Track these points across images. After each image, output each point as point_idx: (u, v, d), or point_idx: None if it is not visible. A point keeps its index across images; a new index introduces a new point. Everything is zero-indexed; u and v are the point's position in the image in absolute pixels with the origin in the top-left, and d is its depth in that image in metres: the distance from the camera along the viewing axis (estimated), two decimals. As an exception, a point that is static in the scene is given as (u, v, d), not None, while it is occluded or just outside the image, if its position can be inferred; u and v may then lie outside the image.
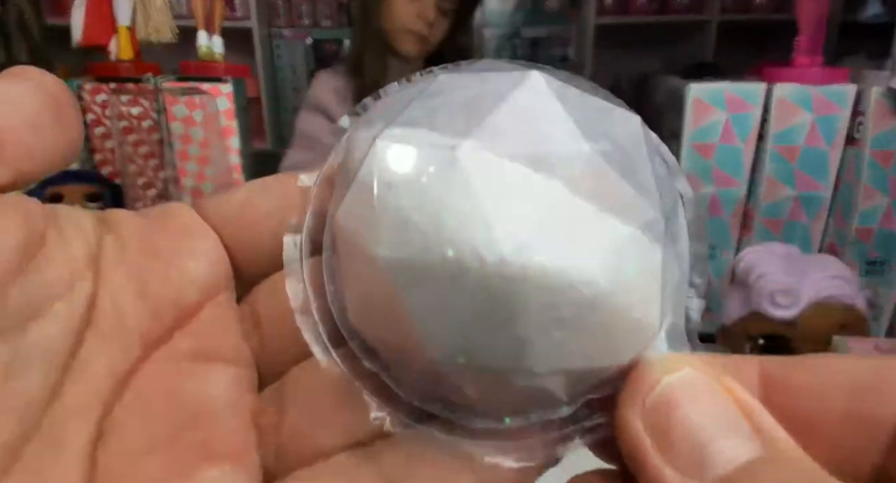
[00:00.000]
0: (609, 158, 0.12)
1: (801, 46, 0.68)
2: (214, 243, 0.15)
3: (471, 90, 0.13)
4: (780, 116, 0.67)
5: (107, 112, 0.75)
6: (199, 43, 0.79)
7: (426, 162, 0.12)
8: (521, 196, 0.11)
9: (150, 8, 0.74)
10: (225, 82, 0.76)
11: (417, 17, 0.97)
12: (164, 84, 0.74)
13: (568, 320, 0.11)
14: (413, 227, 0.11)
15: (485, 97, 0.13)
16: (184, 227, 0.15)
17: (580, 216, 0.11)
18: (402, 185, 0.12)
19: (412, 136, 0.12)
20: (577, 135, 0.12)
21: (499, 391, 0.12)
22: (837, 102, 0.67)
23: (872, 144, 0.66)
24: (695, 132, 0.69)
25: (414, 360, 0.13)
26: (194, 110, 0.73)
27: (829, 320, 0.59)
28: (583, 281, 0.11)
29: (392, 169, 0.12)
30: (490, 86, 0.13)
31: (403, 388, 0.13)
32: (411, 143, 0.12)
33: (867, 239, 0.69)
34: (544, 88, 0.13)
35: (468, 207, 0.11)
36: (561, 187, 0.11)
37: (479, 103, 0.12)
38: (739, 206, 0.72)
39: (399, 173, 0.12)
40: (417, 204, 0.11)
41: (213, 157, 0.75)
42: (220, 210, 0.16)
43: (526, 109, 0.12)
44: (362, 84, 1.01)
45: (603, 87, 0.14)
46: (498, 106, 0.12)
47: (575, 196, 0.11)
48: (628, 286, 0.12)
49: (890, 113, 0.65)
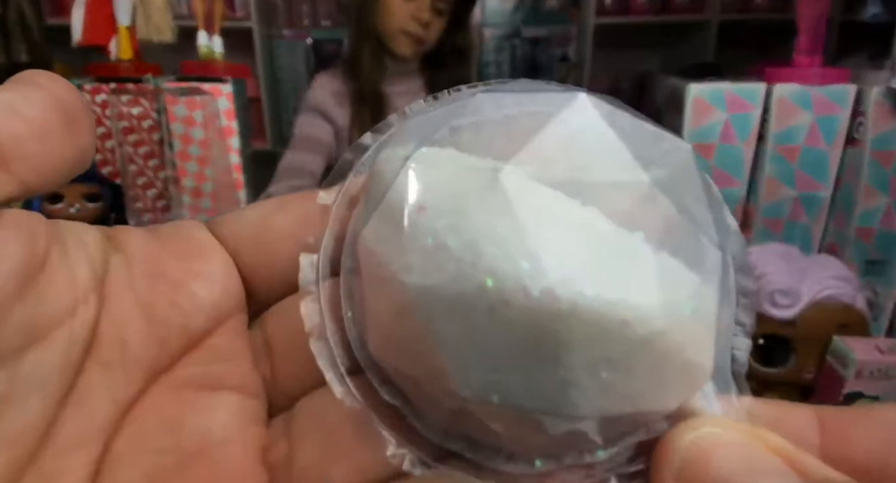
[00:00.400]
0: (665, 189, 0.11)
1: (800, 46, 0.68)
2: (227, 265, 0.14)
3: (511, 110, 0.12)
4: (780, 116, 0.67)
5: (107, 112, 0.75)
6: (200, 43, 0.79)
7: (464, 184, 0.11)
8: (570, 225, 0.10)
9: (150, 8, 0.74)
10: (225, 82, 0.76)
11: (412, 18, 0.97)
12: (165, 84, 0.74)
13: (618, 360, 0.10)
14: (447, 252, 0.10)
15: (528, 118, 0.12)
16: (195, 247, 0.14)
17: (634, 250, 0.11)
18: (436, 207, 0.11)
19: (448, 156, 0.11)
20: (632, 163, 0.11)
21: (532, 433, 0.11)
22: (837, 102, 0.67)
23: (872, 144, 0.66)
24: (695, 132, 0.69)
25: (440, 395, 0.12)
26: (194, 110, 0.73)
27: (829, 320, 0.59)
28: (637, 318, 0.10)
29: (426, 190, 0.11)
30: (533, 107, 0.12)
31: (425, 424, 0.12)
32: (448, 163, 0.11)
33: (867, 239, 0.69)
34: (593, 112, 0.12)
35: (511, 234, 0.10)
36: (614, 218, 0.11)
37: (521, 125, 0.12)
38: (739, 207, 0.72)
39: (433, 195, 0.11)
40: (453, 228, 0.10)
41: (213, 157, 0.75)
42: (235, 229, 0.15)
43: (575, 134, 0.11)
44: (359, 85, 1.01)
45: (603, 87, 0.14)
46: (543, 128, 0.11)
47: (629, 228, 0.11)
48: (683, 326, 0.11)
49: (890, 113, 0.65)
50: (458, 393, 0.11)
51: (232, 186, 0.77)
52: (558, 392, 0.11)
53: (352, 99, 1.03)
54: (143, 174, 0.75)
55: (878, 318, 0.71)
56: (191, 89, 0.73)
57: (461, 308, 0.10)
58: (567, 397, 0.11)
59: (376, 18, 0.98)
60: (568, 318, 0.10)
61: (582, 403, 0.11)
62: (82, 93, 0.73)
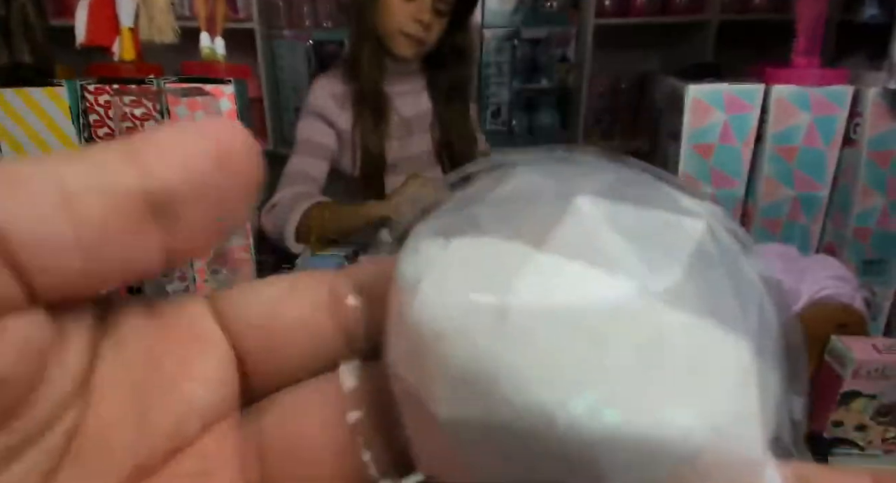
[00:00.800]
0: (681, 292, 0.11)
1: (799, 47, 0.68)
2: (226, 358, 0.13)
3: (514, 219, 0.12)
4: (779, 117, 0.68)
5: (110, 113, 0.75)
6: (202, 44, 0.79)
7: (475, 315, 0.10)
8: (588, 346, 0.10)
9: (152, 9, 0.75)
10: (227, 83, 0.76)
11: (413, 19, 0.97)
12: (167, 85, 0.74)
13: (662, 480, 0.10)
14: (471, 385, 0.10)
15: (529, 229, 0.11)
16: (196, 339, 0.13)
17: (659, 361, 0.10)
18: (452, 338, 0.11)
19: (460, 275, 0.11)
20: (642, 270, 0.11)
21: None
22: (835, 103, 0.67)
23: (870, 145, 0.67)
24: (694, 133, 0.69)
25: None
26: (196, 111, 0.73)
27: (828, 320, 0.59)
28: (676, 437, 0.10)
29: (440, 317, 0.11)
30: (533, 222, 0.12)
31: None
32: (459, 285, 0.11)
33: (865, 239, 0.70)
34: (592, 216, 0.11)
35: (528, 365, 0.10)
36: (631, 331, 0.10)
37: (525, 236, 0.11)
38: (738, 207, 0.72)
39: (449, 322, 0.11)
40: (472, 360, 0.10)
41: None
42: (241, 314, 0.14)
43: (577, 246, 0.11)
44: (360, 86, 1.01)
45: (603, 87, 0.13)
46: (543, 244, 0.11)
47: (650, 340, 0.10)
48: (727, 431, 0.10)
49: (887, 114, 0.66)
50: None
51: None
52: None
53: (353, 100, 1.03)
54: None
55: (876, 318, 0.71)
56: (193, 90, 0.74)
57: (494, 440, 0.10)
58: None
59: (376, 19, 0.99)
60: (600, 449, 0.10)
61: None
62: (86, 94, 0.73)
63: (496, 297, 0.10)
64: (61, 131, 0.74)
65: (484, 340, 0.10)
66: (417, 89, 1.09)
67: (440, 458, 0.12)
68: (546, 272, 0.11)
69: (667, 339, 0.10)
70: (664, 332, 0.10)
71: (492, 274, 0.11)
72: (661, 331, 0.10)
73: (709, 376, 0.10)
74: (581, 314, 0.10)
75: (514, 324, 0.10)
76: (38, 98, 0.73)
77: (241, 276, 0.80)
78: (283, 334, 0.14)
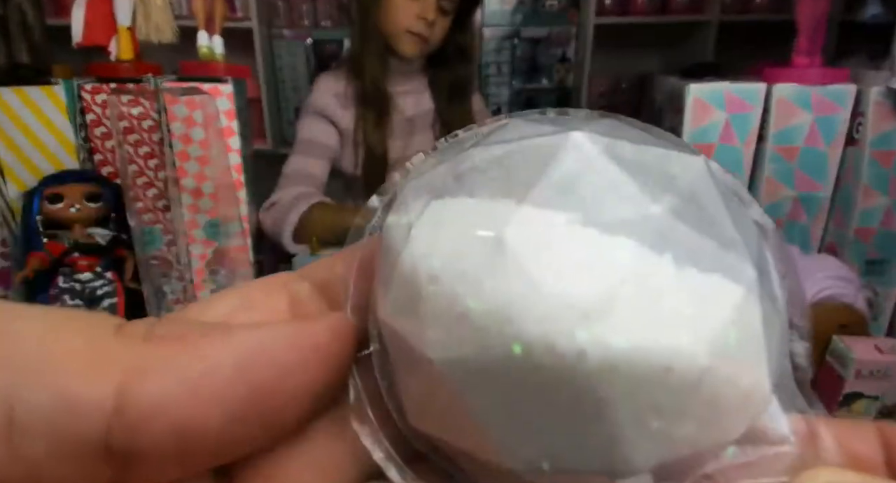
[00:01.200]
0: (681, 215, 0.10)
1: (800, 47, 0.68)
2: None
3: (506, 162, 0.11)
4: (780, 116, 0.67)
5: (107, 112, 0.75)
6: (200, 43, 0.79)
7: (471, 248, 0.10)
8: (589, 272, 0.10)
9: (150, 8, 0.74)
10: (225, 82, 0.76)
11: (418, 17, 0.97)
12: (165, 84, 0.74)
13: (666, 407, 0.10)
14: (468, 323, 0.10)
15: (524, 168, 0.11)
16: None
17: (662, 285, 0.10)
18: (448, 277, 0.10)
19: (452, 218, 0.11)
20: (640, 196, 0.10)
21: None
22: (837, 102, 0.67)
23: (872, 144, 0.66)
24: (694, 132, 0.69)
25: (489, 467, 0.11)
26: (194, 110, 0.73)
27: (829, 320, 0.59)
28: (680, 361, 0.10)
29: (435, 259, 0.10)
30: (526, 156, 0.11)
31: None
32: (451, 227, 0.11)
33: (867, 239, 0.69)
34: (590, 148, 0.11)
35: (528, 294, 0.10)
36: (632, 256, 0.10)
37: (519, 176, 0.11)
38: (739, 206, 0.72)
39: (444, 263, 0.10)
40: (469, 297, 0.10)
41: (214, 158, 0.75)
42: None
43: (575, 177, 0.11)
44: (363, 85, 1.01)
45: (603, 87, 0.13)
46: (540, 178, 0.11)
47: (650, 264, 0.10)
48: (731, 355, 0.10)
49: (889, 113, 0.65)
50: (503, 462, 0.10)
51: (232, 186, 0.77)
52: (609, 450, 0.10)
53: (355, 99, 1.03)
54: (143, 174, 0.75)
55: (877, 318, 0.71)
56: (190, 89, 0.73)
57: (492, 378, 0.10)
58: (619, 453, 0.10)
59: (380, 18, 0.98)
60: (604, 375, 0.09)
61: (635, 457, 0.10)
62: (83, 93, 0.73)
63: (492, 232, 0.10)
64: (58, 130, 0.74)
65: (482, 275, 0.10)
66: (420, 88, 1.08)
67: (438, 414, 0.11)
68: (543, 206, 0.10)
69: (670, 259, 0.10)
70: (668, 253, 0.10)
71: (487, 215, 0.11)
72: (664, 252, 0.10)
73: (711, 300, 0.10)
74: (582, 243, 0.10)
75: (514, 255, 0.10)
76: (35, 97, 0.73)
77: (239, 276, 0.80)
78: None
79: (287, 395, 0.11)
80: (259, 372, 0.11)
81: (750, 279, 0.11)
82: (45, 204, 0.70)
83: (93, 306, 0.70)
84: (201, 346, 0.11)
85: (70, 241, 0.70)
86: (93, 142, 0.76)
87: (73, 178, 0.72)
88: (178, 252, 0.77)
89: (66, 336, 0.10)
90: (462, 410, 0.10)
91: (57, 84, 0.73)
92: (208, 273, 0.79)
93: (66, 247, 0.70)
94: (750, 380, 0.10)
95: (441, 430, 0.11)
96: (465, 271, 0.10)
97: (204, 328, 0.11)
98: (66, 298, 0.69)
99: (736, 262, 0.11)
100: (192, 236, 0.77)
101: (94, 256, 0.71)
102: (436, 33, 1.00)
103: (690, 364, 0.10)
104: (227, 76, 0.76)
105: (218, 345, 0.11)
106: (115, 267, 0.73)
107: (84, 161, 0.76)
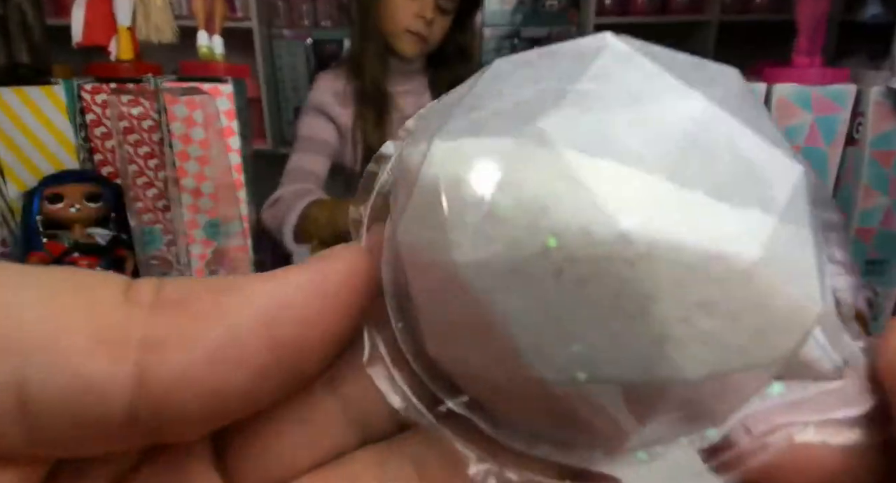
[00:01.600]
0: (726, 106, 0.10)
1: (800, 47, 0.68)
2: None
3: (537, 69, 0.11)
4: (780, 116, 0.67)
5: (107, 112, 0.75)
6: (200, 43, 0.79)
7: (501, 147, 0.09)
8: (633, 160, 0.09)
9: (150, 8, 0.74)
10: (225, 82, 0.76)
11: (416, 16, 0.97)
12: (165, 84, 0.74)
13: (715, 303, 0.09)
14: (496, 220, 0.09)
15: (557, 71, 0.10)
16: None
17: (711, 175, 0.09)
18: (475, 177, 0.09)
19: (478, 123, 0.10)
20: (681, 86, 0.10)
21: (634, 411, 0.10)
22: (837, 102, 0.67)
23: (872, 144, 0.66)
24: (695, 132, 0.69)
25: (516, 387, 0.10)
26: (194, 110, 0.73)
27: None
28: (729, 249, 0.09)
29: (459, 163, 0.10)
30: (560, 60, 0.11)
31: (504, 432, 0.11)
32: (477, 133, 0.10)
33: (867, 239, 0.69)
34: (625, 48, 0.10)
35: (566, 184, 0.09)
36: (681, 145, 0.09)
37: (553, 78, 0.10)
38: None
39: (468, 166, 0.09)
40: (498, 193, 0.09)
41: (213, 157, 0.75)
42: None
43: (614, 73, 0.10)
44: (363, 84, 1.01)
45: None
46: (579, 76, 0.10)
47: (700, 152, 0.09)
48: (783, 254, 0.09)
49: (889, 113, 0.65)
50: (537, 376, 0.09)
51: (232, 186, 0.77)
52: (653, 353, 0.09)
53: (355, 98, 1.03)
54: (143, 174, 0.75)
55: (878, 318, 0.71)
56: (190, 89, 0.73)
57: (524, 277, 0.09)
58: (665, 357, 0.09)
59: (380, 17, 0.98)
60: (648, 263, 0.09)
61: (683, 361, 0.09)
62: (83, 93, 0.73)
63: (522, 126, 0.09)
64: (58, 130, 0.74)
65: (513, 169, 0.09)
66: (420, 88, 1.08)
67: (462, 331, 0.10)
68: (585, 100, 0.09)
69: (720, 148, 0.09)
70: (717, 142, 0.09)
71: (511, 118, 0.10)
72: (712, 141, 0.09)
73: (764, 190, 0.09)
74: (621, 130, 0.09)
75: (549, 146, 0.09)
76: (35, 97, 0.73)
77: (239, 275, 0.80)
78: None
79: (312, 346, 0.11)
80: (283, 328, 0.10)
81: (799, 179, 0.10)
82: (45, 204, 0.70)
83: (93, 306, 0.70)
84: (221, 309, 0.10)
85: (70, 241, 0.70)
86: (93, 142, 0.76)
87: (73, 178, 0.72)
88: (178, 252, 0.77)
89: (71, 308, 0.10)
90: (490, 320, 0.09)
91: (57, 84, 0.73)
92: (208, 273, 0.79)
93: (66, 247, 0.70)
94: (800, 285, 0.10)
95: (464, 349, 0.10)
96: (494, 168, 0.09)
97: (218, 285, 0.10)
98: (65, 298, 0.69)
99: (786, 159, 0.10)
100: (191, 236, 0.77)
101: (93, 256, 0.71)
102: (434, 33, 1.00)
103: (739, 254, 0.09)
104: (227, 76, 0.76)
105: (237, 305, 0.10)
106: (114, 267, 0.73)
107: (84, 161, 0.76)
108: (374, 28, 0.99)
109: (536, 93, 0.10)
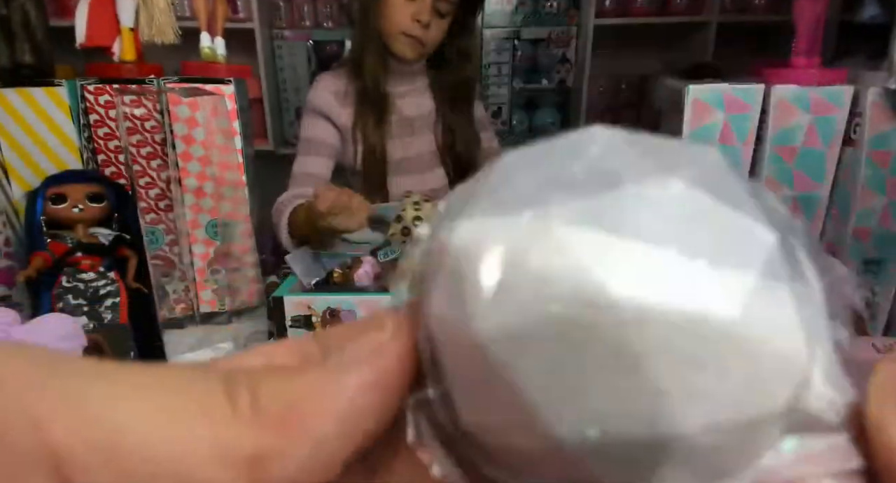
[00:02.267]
0: (702, 184, 0.11)
1: (799, 47, 0.68)
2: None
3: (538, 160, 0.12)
4: (779, 117, 0.68)
5: (110, 113, 0.75)
6: (202, 44, 0.79)
7: (511, 225, 0.11)
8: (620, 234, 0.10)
9: (152, 9, 0.75)
10: (227, 83, 0.76)
11: (413, 19, 0.97)
12: (167, 85, 0.74)
13: (704, 359, 0.10)
14: (508, 290, 0.11)
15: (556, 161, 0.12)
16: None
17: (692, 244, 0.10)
18: (488, 254, 0.11)
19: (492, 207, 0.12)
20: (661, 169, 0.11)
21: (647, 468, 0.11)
22: (835, 103, 0.67)
23: (870, 145, 0.67)
24: (694, 133, 0.69)
25: (538, 451, 0.11)
26: (197, 111, 0.73)
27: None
28: (713, 309, 0.10)
29: (477, 241, 0.11)
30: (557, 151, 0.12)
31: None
32: (493, 213, 0.11)
33: (864, 238, 0.70)
34: (611, 139, 0.12)
35: (563, 256, 0.10)
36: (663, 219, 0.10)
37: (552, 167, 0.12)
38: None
39: (485, 243, 0.11)
40: (510, 268, 0.11)
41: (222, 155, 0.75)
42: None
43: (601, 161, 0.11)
44: (363, 85, 1.02)
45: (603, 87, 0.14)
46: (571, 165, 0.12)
47: (681, 225, 0.10)
48: (763, 311, 0.10)
49: (887, 114, 0.66)
50: (552, 433, 0.11)
51: (234, 186, 0.78)
52: (653, 408, 0.10)
53: (355, 98, 1.03)
54: (145, 174, 0.75)
55: (875, 317, 0.71)
56: (193, 90, 0.74)
57: (533, 341, 0.10)
58: (663, 411, 0.10)
59: (379, 19, 0.99)
60: (637, 324, 0.10)
61: (680, 415, 0.10)
62: (86, 94, 0.73)
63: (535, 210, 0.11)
64: (61, 131, 0.75)
65: (525, 244, 0.11)
66: (420, 90, 1.09)
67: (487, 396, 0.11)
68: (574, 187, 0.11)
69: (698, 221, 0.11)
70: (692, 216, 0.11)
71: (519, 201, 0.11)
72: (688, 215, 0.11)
73: (741, 255, 0.10)
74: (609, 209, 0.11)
75: (550, 227, 0.11)
76: (38, 98, 0.73)
77: (241, 275, 0.80)
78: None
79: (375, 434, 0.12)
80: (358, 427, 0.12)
81: (773, 245, 0.11)
82: (49, 204, 0.71)
83: (96, 306, 0.71)
84: (306, 426, 0.11)
85: (73, 240, 0.71)
86: (96, 142, 0.76)
87: (76, 178, 0.73)
88: (181, 252, 0.78)
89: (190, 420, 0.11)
90: (506, 379, 0.11)
91: (60, 85, 0.73)
92: (210, 273, 0.79)
93: (69, 246, 0.71)
94: (784, 343, 0.10)
95: (491, 414, 0.11)
96: (506, 248, 0.11)
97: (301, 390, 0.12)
98: (69, 298, 0.70)
99: (758, 228, 0.11)
100: (193, 236, 0.77)
101: (96, 256, 0.72)
102: (431, 36, 1.00)
103: (721, 313, 0.10)
104: (229, 77, 0.77)
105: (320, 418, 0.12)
106: (117, 266, 0.73)
107: (87, 161, 0.76)
108: (374, 29, 0.99)
109: (539, 181, 0.12)
